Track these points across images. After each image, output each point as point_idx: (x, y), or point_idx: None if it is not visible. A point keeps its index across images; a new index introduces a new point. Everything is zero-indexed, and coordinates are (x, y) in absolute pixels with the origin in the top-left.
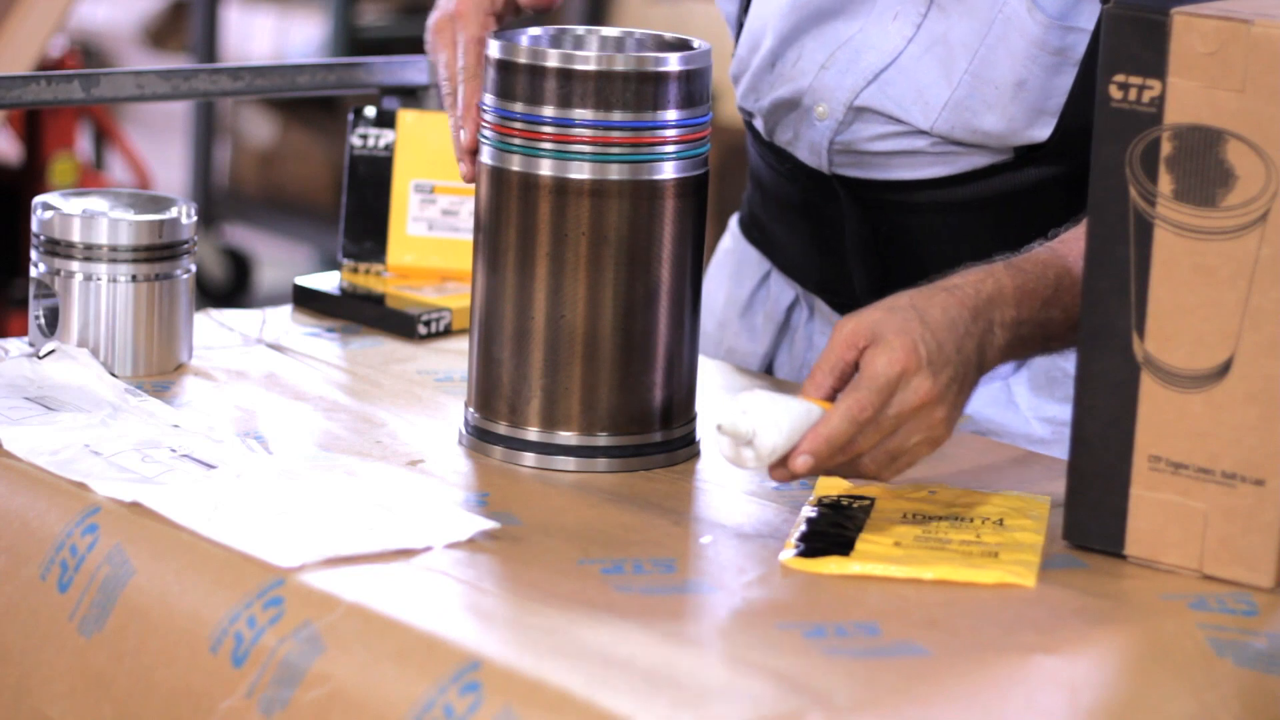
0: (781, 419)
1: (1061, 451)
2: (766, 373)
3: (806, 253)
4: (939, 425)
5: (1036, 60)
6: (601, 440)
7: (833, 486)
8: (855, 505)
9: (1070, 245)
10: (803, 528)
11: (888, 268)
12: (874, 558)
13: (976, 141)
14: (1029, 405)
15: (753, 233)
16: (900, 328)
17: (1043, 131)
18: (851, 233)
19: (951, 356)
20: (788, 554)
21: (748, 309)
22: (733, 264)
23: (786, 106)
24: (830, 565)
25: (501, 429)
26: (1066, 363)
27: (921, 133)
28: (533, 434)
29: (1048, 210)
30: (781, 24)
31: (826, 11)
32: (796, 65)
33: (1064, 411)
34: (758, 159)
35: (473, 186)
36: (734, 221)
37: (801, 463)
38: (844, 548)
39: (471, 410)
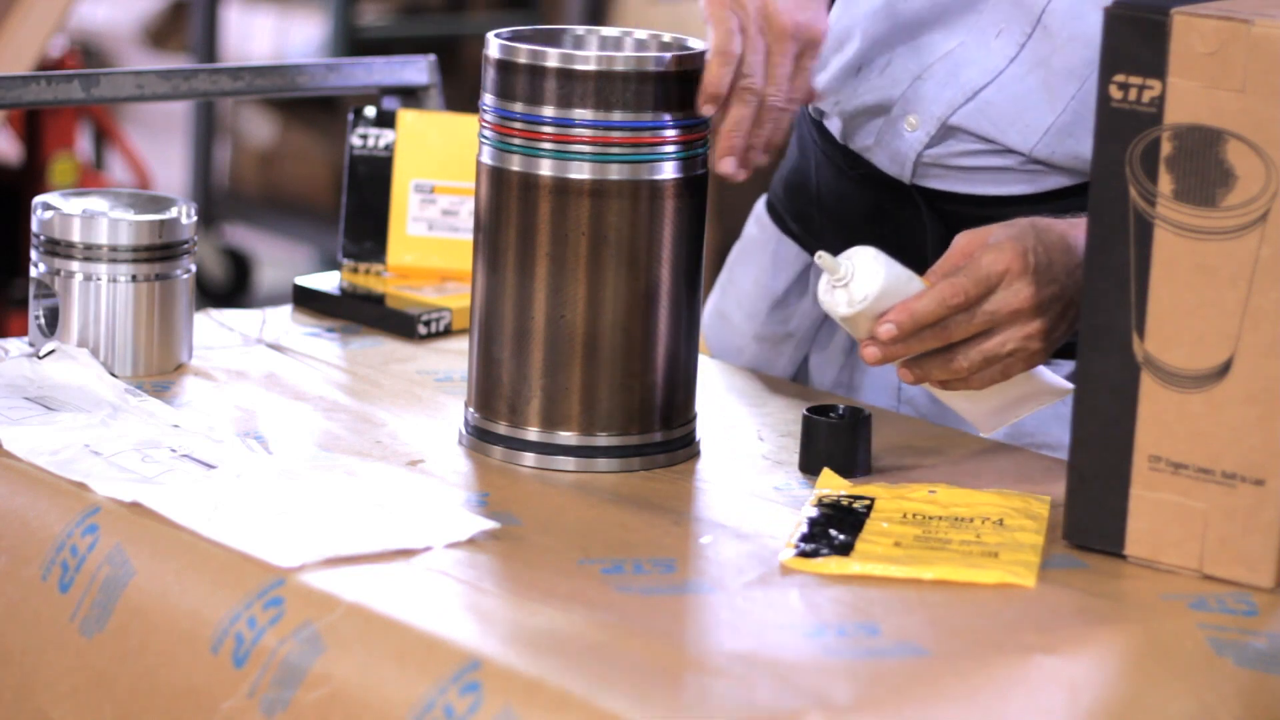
0: (879, 273)
1: None
2: (798, 372)
3: None
4: (1035, 338)
5: None
6: (601, 440)
7: (833, 486)
8: (855, 505)
9: None
10: (803, 528)
11: None
12: (874, 558)
13: (1076, 168)
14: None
15: (790, 226)
16: (1015, 235)
17: None
18: (935, 242)
19: (1059, 276)
20: (788, 554)
21: (782, 302)
22: (767, 255)
23: (871, 113)
24: (830, 565)
25: (501, 429)
26: None
27: (1015, 152)
28: (533, 434)
29: None
30: (873, 27)
31: (924, 21)
32: (885, 73)
33: None
34: (821, 158)
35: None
36: (760, 207)
37: (885, 330)
38: (844, 548)
39: (471, 410)
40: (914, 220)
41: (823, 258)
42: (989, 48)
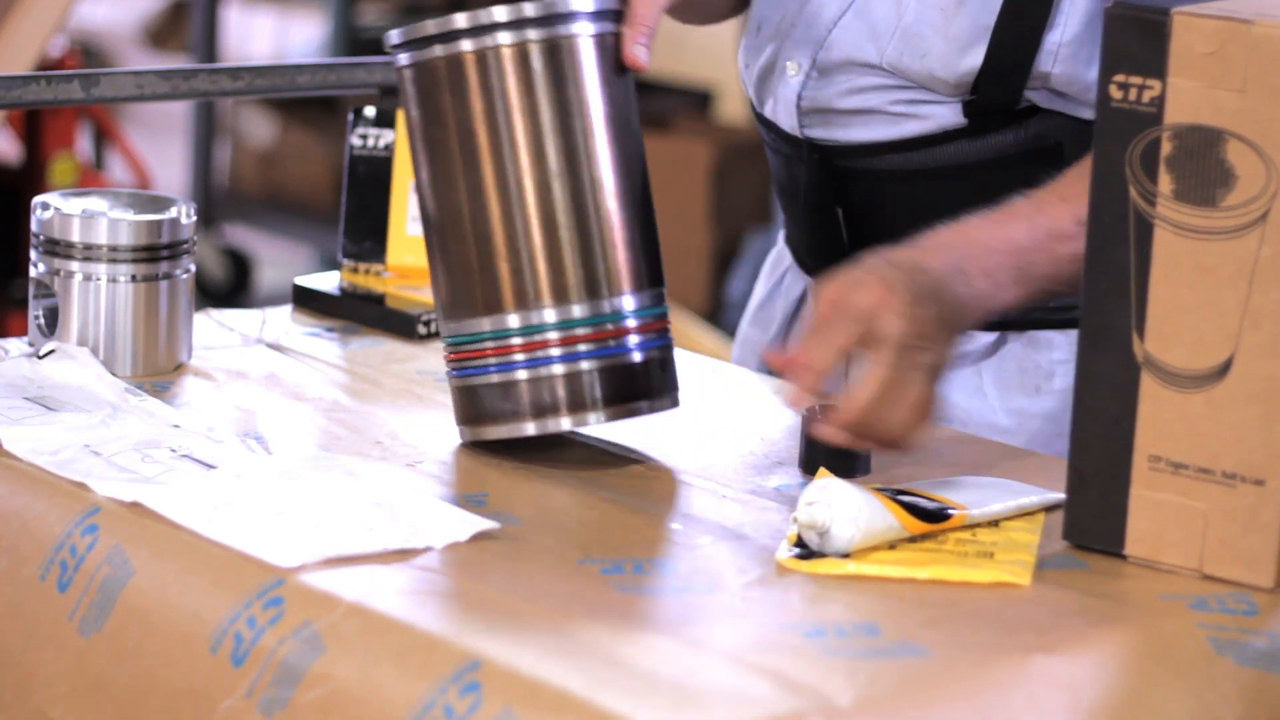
0: (859, 513)
1: (1024, 442)
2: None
3: (796, 230)
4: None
5: None
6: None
7: None
8: None
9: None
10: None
11: (850, 239)
12: (870, 558)
13: (923, 71)
14: (996, 396)
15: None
16: (870, 268)
17: (975, 57)
18: (809, 190)
19: (927, 298)
20: (784, 554)
21: (767, 301)
22: (768, 266)
23: (767, 71)
24: (826, 565)
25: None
26: (1039, 355)
27: (878, 88)
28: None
29: (1007, 189)
30: None
31: None
32: (777, 27)
33: (1031, 404)
34: (766, 144)
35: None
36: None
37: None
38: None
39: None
40: (802, 178)
41: (798, 519)
42: None
